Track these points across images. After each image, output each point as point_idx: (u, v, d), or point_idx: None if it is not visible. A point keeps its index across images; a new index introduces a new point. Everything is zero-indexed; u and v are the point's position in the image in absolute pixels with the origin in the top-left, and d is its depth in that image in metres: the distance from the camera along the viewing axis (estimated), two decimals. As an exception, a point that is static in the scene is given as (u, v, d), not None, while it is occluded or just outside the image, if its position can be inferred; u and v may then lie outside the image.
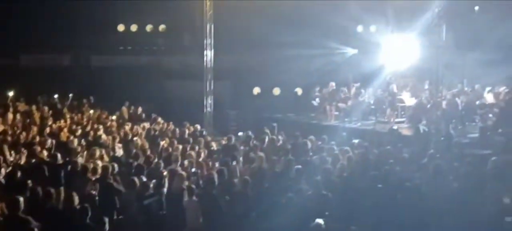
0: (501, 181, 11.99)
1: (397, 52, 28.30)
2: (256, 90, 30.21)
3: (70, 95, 24.02)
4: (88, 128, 18.82)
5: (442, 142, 17.37)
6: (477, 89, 24.05)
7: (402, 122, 22.90)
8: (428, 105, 20.64)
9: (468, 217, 11.07)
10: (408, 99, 23.42)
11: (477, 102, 22.79)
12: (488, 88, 23.77)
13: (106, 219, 9.44)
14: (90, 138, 17.09)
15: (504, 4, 23.99)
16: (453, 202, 11.35)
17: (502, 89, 22.97)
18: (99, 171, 12.31)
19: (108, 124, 20.38)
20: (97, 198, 11.31)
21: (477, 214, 11.20)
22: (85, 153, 15.21)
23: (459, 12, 17.03)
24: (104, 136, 17.20)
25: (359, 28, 30.81)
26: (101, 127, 18.76)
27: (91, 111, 22.81)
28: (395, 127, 20.02)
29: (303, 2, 26.12)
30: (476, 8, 16.67)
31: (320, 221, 8.99)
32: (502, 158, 15.18)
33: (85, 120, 21.13)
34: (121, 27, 31.11)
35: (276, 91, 30.32)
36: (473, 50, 17.96)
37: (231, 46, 28.27)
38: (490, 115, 21.91)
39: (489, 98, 22.84)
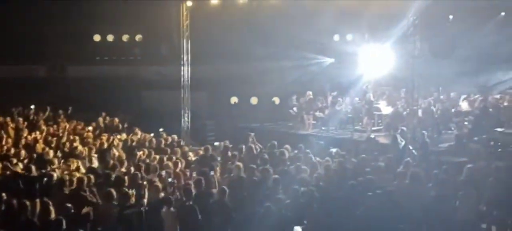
0: (477, 189, 12.10)
1: (373, 61, 28.55)
2: (234, 100, 30.20)
3: (48, 108, 23.80)
4: (64, 139, 18.63)
5: (418, 150, 17.51)
6: (452, 97, 24.32)
7: (379, 130, 23.05)
8: (404, 114, 20.78)
9: (445, 225, 11.17)
10: (385, 108, 23.56)
11: (453, 110, 23.04)
12: (463, 96, 24.04)
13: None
14: (66, 149, 16.91)
15: (477, 14, 24.32)
16: (429, 210, 11.44)
17: (477, 97, 23.25)
18: (74, 183, 12.17)
19: (84, 135, 20.21)
20: (72, 210, 11.17)
21: (453, 221, 11.31)
22: (61, 164, 15.03)
23: (434, 21, 17.17)
24: (80, 147, 17.03)
25: (336, 37, 30.96)
26: (77, 138, 18.59)
27: (68, 124, 22.55)
28: (372, 136, 20.16)
29: (279, 12, 26.16)
30: (451, 17, 16.86)
31: (298, 228, 8.99)
32: (478, 165, 15.36)
33: (60, 131, 20.91)
34: (97, 37, 30.89)
35: (254, 100, 30.33)
36: (448, 58, 18.13)
37: (208, 56, 28.25)
38: (466, 123, 22.13)
39: (464, 106, 23.08)
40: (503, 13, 25.03)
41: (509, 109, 22.11)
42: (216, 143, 21.37)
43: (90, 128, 21.93)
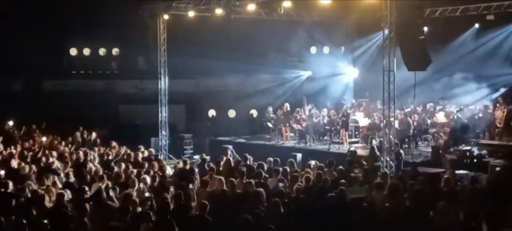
0: (454, 199, 12.21)
1: (349, 73, 28.80)
2: (211, 113, 30.19)
3: (23, 127, 23.57)
4: (40, 154, 18.45)
5: (394, 161, 17.63)
6: (428, 108, 24.56)
7: (356, 142, 23.19)
8: (381, 125, 20.94)
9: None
10: (362, 120, 23.73)
11: (429, 122, 23.25)
12: (439, 108, 24.30)
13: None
14: (42, 164, 16.74)
15: (452, 25, 24.65)
16: (407, 221, 11.48)
17: (453, 108, 23.51)
18: (53, 198, 12.04)
19: (61, 149, 20.04)
20: (49, 226, 11.01)
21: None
22: (36, 179, 14.86)
23: (410, 33, 17.32)
24: (56, 162, 16.87)
25: (313, 50, 31.14)
26: (53, 152, 18.42)
27: (44, 138, 22.35)
28: (352, 148, 20.28)
29: (256, 25, 26.26)
30: (425, 29, 17.06)
31: None
32: (455, 176, 15.53)
33: (36, 146, 20.72)
34: (73, 51, 30.68)
35: (231, 113, 30.35)
36: (423, 70, 18.30)
37: (186, 69, 28.24)
38: (442, 134, 22.36)
39: (440, 117, 23.31)
40: (476, 25, 25.39)
41: (484, 120, 22.38)
42: (195, 157, 21.36)
43: (67, 143, 21.77)
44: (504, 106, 22.31)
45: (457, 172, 17.24)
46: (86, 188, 13.36)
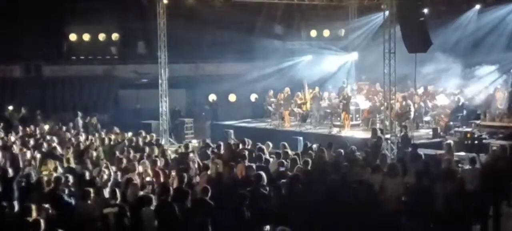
0: (454, 180, 12.22)
1: (350, 56, 28.74)
2: (212, 97, 30.18)
3: (23, 109, 23.54)
4: (41, 139, 18.46)
5: (398, 143, 17.65)
6: (429, 91, 24.53)
7: (357, 125, 23.19)
8: (382, 108, 20.94)
9: (423, 216, 11.27)
10: (363, 103, 23.72)
11: (430, 104, 23.24)
12: (440, 89, 24.28)
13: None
14: (43, 150, 16.76)
15: (452, 6, 24.59)
16: (407, 202, 11.53)
17: (454, 91, 23.51)
18: (52, 183, 12.07)
19: (62, 135, 20.05)
20: (50, 211, 11.06)
21: (432, 213, 11.41)
22: (38, 165, 14.90)
23: (410, 15, 17.28)
24: (58, 148, 16.88)
25: (313, 33, 31.07)
26: (55, 138, 18.42)
27: (47, 125, 22.34)
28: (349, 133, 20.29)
29: (255, 9, 26.23)
30: (426, 10, 17.00)
31: (267, 228, 8.98)
32: (455, 157, 15.55)
33: (38, 131, 20.73)
34: (73, 37, 30.58)
35: (232, 98, 30.34)
36: (424, 52, 18.27)
37: (186, 53, 28.20)
38: (443, 116, 22.37)
39: (441, 99, 23.29)
40: (478, 6, 25.34)
41: (484, 101, 22.40)
42: (195, 141, 21.38)
43: (68, 128, 21.77)
44: (505, 88, 22.33)
45: (458, 153, 17.30)
46: (87, 173, 13.43)
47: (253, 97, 29.92)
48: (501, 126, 20.75)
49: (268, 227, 8.82)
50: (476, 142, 18.79)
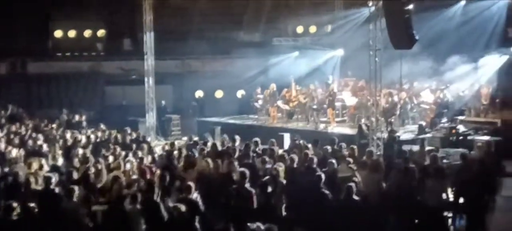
0: (440, 177, 12.32)
1: (336, 52, 28.82)
2: (199, 93, 30.14)
3: (10, 106, 23.39)
4: (27, 137, 18.37)
5: (383, 139, 17.71)
6: (415, 87, 24.66)
7: (343, 121, 23.28)
8: (368, 104, 21.01)
9: (408, 213, 11.35)
10: (349, 99, 23.79)
11: (415, 101, 23.36)
12: (425, 86, 24.40)
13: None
14: (29, 148, 16.68)
15: (437, 2, 24.68)
16: (392, 198, 11.60)
17: (439, 86, 23.64)
18: (40, 181, 12.02)
19: (47, 132, 19.97)
20: (36, 210, 11.01)
21: (417, 209, 11.49)
22: (23, 163, 14.82)
23: (395, 11, 17.31)
24: (44, 145, 16.82)
25: (299, 29, 31.10)
26: (40, 136, 18.34)
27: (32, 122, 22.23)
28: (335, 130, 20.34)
29: (243, 4, 26.22)
30: (411, 6, 17.02)
31: (253, 225, 9.00)
32: (441, 153, 15.66)
33: (23, 129, 20.62)
34: (58, 33, 30.40)
35: (219, 94, 30.31)
36: (409, 49, 18.33)
37: (172, 50, 28.13)
38: (428, 112, 22.51)
39: (426, 95, 23.42)
40: (463, 1, 25.47)
41: (469, 97, 22.58)
42: (184, 138, 21.35)
43: (54, 125, 21.68)
44: (489, 84, 22.52)
45: (443, 149, 17.43)
46: (74, 171, 13.39)
47: (240, 93, 29.93)
48: (485, 121, 20.94)
49: (254, 225, 8.83)
50: (461, 137, 18.94)
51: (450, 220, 12.52)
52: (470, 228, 12.40)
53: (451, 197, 12.74)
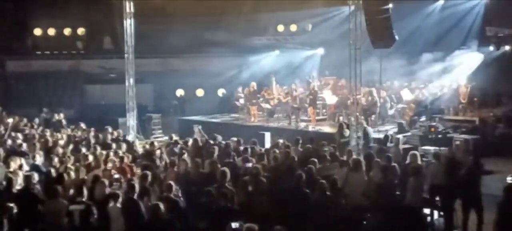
0: (420, 175, 12.44)
1: (318, 51, 28.94)
2: (180, 92, 30.08)
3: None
4: (6, 136, 18.22)
5: (362, 138, 17.82)
6: (395, 85, 24.85)
7: (324, 120, 23.39)
8: (348, 103, 21.14)
9: (388, 211, 11.44)
10: (329, 98, 23.90)
11: (395, 99, 23.53)
12: (405, 84, 24.60)
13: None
14: (8, 147, 16.55)
15: (416, 3, 24.86)
16: (372, 197, 11.68)
17: (418, 85, 23.86)
18: (20, 181, 11.94)
19: (27, 131, 19.82)
20: (15, 210, 10.95)
21: (396, 207, 11.59)
22: (3, 162, 14.69)
23: (375, 10, 17.41)
24: (24, 145, 16.68)
25: (280, 28, 31.16)
26: (19, 135, 18.20)
27: (10, 119, 22.00)
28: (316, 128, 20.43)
29: (223, 2, 26.21)
30: (390, 5, 17.13)
31: (235, 224, 9.05)
32: (420, 151, 15.81)
33: (2, 128, 20.44)
34: (38, 31, 30.16)
35: (200, 92, 30.29)
36: (389, 48, 18.47)
37: (153, 48, 28.04)
38: (407, 110, 22.69)
39: (405, 94, 23.61)
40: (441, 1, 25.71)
41: (448, 96, 22.82)
42: (165, 138, 21.30)
43: (33, 124, 21.52)
44: (467, 83, 22.78)
45: (422, 147, 17.60)
46: (54, 170, 13.33)
47: (221, 92, 29.93)
48: (464, 119, 21.21)
49: (235, 224, 8.88)
50: (440, 136, 19.12)
51: (429, 218, 12.65)
52: (449, 226, 12.54)
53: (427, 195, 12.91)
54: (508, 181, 13.00)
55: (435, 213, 12.79)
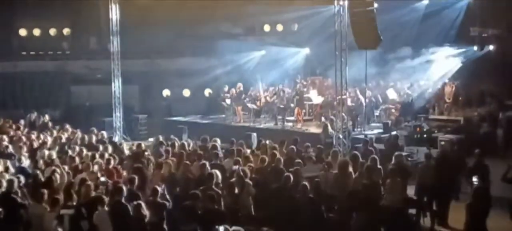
0: (405, 175, 12.55)
1: (304, 51, 28.98)
2: (166, 92, 30.03)
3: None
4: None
5: (346, 139, 17.92)
6: (380, 85, 24.95)
7: (310, 120, 23.46)
8: (334, 103, 21.22)
9: (373, 212, 11.52)
10: (315, 98, 23.98)
11: (380, 99, 23.63)
12: (390, 84, 24.70)
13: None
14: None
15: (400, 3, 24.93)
16: (357, 198, 11.76)
17: (405, 85, 23.98)
18: (4, 185, 11.88)
19: (12, 133, 19.72)
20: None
21: (381, 209, 11.68)
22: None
23: (360, 11, 17.50)
24: (10, 146, 16.61)
25: (266, 28, 31.17)
26: (5, 137, 18.11)
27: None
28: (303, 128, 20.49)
29: (209, 2, 26.18)
30: (376, 5, 17.21)
31: (221, 228, 9.09)
32: (405, 152, 15.94)
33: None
34: (23, 32, 29.96)
35: (186, 93, 30.24)
36: (374, 49, 18.58)
37: (139, 48, 27.95)
38: (393, 110, 22.82)
39: (391, 94, 23.72)
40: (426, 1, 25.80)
41: (433, 96, 22.99)
42: (150, 139, 21.24)
43: (19, 126, 21.40)
44: (452, 82, 22.94)
45: (408, 147, 17.71)
46: (40, 173, 13.28)
47: (207, 92, 29.92)
48: (449, 119, 21.38)
49: (221, 227, 8.92)
50: (425, 135, 19.26)
51: (414, 218, 12.76)
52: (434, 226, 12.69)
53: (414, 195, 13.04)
54: (474, 182, 13.24)
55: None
